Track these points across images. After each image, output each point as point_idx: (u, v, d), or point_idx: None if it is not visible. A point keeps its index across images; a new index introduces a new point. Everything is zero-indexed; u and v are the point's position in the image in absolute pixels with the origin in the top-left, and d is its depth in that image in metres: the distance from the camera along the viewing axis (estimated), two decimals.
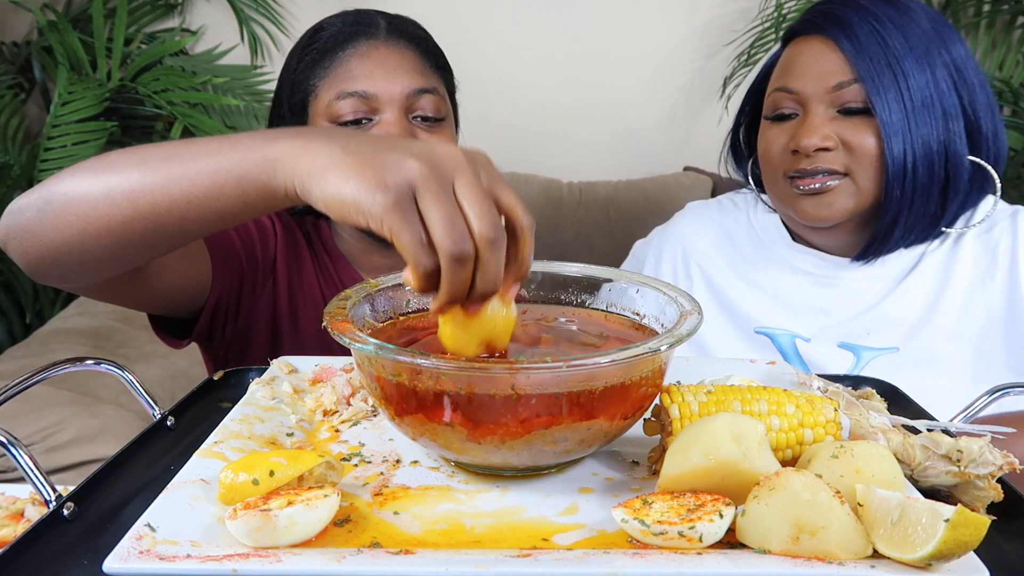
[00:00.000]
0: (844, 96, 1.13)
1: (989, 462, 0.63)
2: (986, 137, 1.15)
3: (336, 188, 0.62)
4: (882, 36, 1.12)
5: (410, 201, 0.60)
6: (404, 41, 1.19)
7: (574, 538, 0.59)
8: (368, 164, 0.62)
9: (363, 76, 1.15)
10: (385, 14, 1.24)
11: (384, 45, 1.18)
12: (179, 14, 2.72)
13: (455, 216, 0.59)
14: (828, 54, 1.15)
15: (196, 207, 0.73)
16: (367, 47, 1.17)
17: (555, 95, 2.73)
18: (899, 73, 1.11)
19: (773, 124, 1.21)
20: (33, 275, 0.88)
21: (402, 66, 1.17)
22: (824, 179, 1.15)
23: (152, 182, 0.74)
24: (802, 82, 1.16)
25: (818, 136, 1.13)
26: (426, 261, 0.60)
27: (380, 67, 1.16)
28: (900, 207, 1.14)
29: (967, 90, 1.14)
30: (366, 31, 1.19)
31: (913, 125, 1.11)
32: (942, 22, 1.17)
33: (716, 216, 1.39)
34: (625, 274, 0.83)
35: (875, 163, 1.13)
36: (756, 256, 1.31)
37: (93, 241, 0.79)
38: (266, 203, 0.71)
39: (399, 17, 1.24)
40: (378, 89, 1.14)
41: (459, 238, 0.59)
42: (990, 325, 1.18)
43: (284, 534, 0.55)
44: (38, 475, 0.64)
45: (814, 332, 1.22)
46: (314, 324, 1.23)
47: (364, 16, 1.22)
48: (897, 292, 1.21)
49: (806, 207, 1.18)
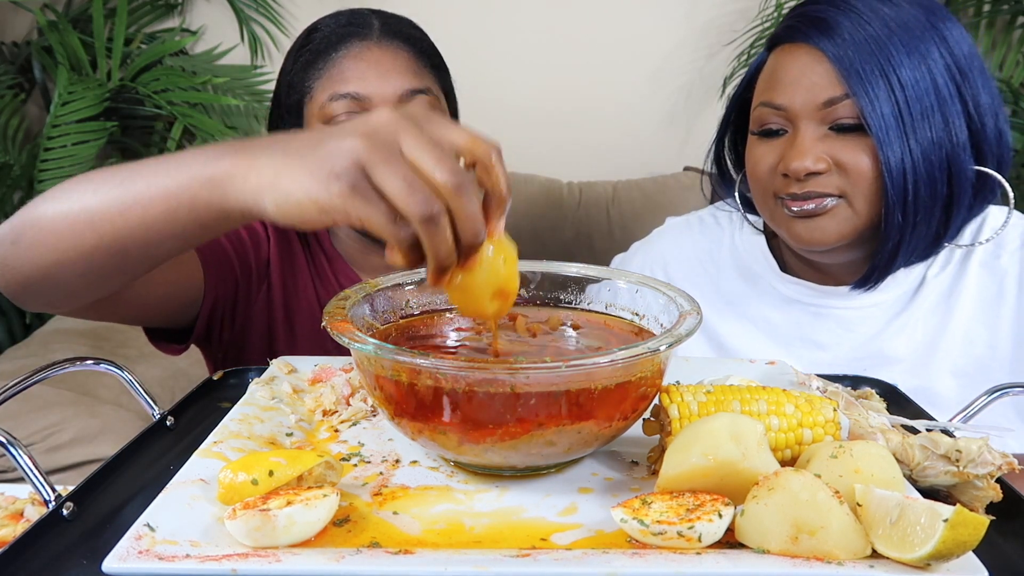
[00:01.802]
0: (835, 113, 1.03)
1: (988, 462, 0.63)
2: (991, 142, 1.06)
3: (288, 196, 0.61)
4: (875, 41, 1.02)
5: (364, 182, 0.59)
6: (398, 41, 1.18)
7: (573, 538, 0.59)
8: (311, 160, 0.61)
9: (355, 77, 1.14)
10: (380, 13, 1.23)
11: (377, 46, 1.17)
12: (179, 14, 2.72)
13: (411, 179, 0.58)
14: (815, 66, 1.04)
15: (155, 232, 0.73)
16: (360, 48, 1.16)
17: (555, 95, 2.73)
18: (895, 83, 1.01)
19: (761, 140, 1.11)
20: (19, 303, 0.89)
21: (395, 67, 1.16)
22: (818, 201, 1.05)
23: (110, 208, 0.74)
24: (789, 97, 1.05)
25: (809, 159, 1.03)
26: (401, 234, 0.59)
27: (372, 68, 1.15)
28: (903, 231, 1.04)
29: (971, 93, 1.03)
30: (359, 32, 1.18)
31: (912, 140, 1.01)
32: (942, 15, 1.06)
33: (698, 238, 1.29)
34: (624, 274, 0.83)
35: (872, 184, 1.03)
36: (743, 285, 1.22)
37: (68, 268, 0.79)
38: (222, 224, 0.71)
39: (393, 17, 1.24)
40: (371, 90, 1.13)
41: (423, 199, 0.58)
42: (994, 364, 1.10)
43: (283, 534, 0.55)
44: (38, 475, 0.64)
45: (808, 367, 1.09)
46: (309, 326, 1.23)
47: (358, 16, 1.21)
48: (895, 326, 1.13)
49: (799, 230, 1.07)
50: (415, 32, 1.23)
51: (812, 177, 1.04)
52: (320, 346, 1.18)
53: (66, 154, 2.41)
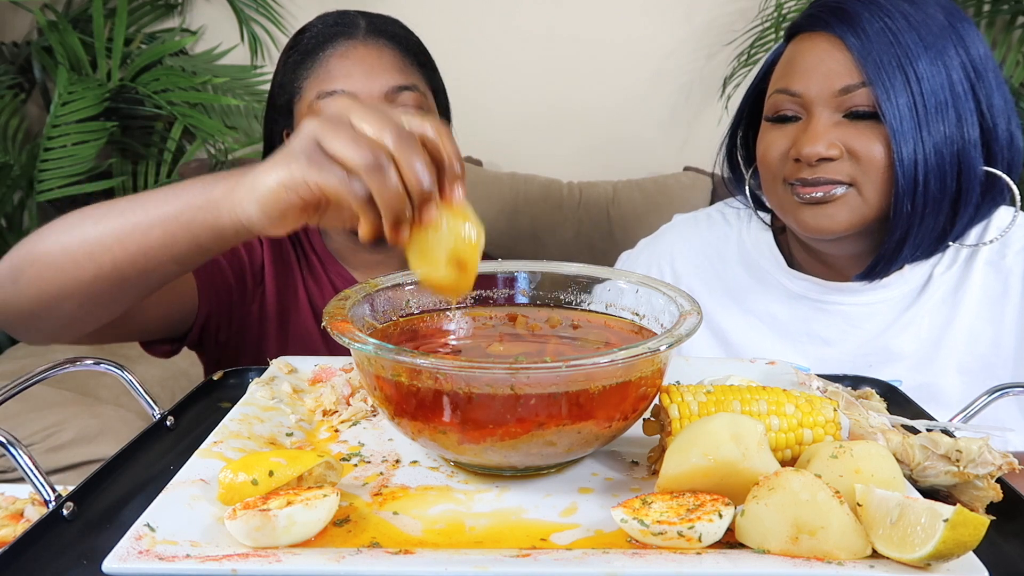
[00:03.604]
0: (851, 100, 1.03)
1: (988, 462, 0.63)
2: (1001, 144, 1.06)
3: (264, 191, 0.67)
4: (894, 34, 1.02)
5: (318, 152, 0.64)
6: (383, 39, 1.20)
7: (573, 538, 0.59)
8: (279, 156, 0.67)
9: (342, 75, 1.16)
10: (367, 14, 1.25)
11: (363, 44, 1.18)
12: (179, 14, 2.72)
13: (356, 137, 0.63)
14: (834, 54, 1.04)
15: (153, 257, 0.77)
16: (346, 47, 1.18)
17: (555, 95, 2.73)
18: (912, 76, 1.01)
19: (773, 126, 1.11)
20: (20, 338, 0.93)
21: (380, 64, 1.17)
22: (828, 188, 1.05)
23: (109, 238, 0.78)
24: (806, 84, 1.06)
25: (822, 144, 1.03)
26: (356, 188, 0.63)
27: (358, 65, 1.16)
28: (910, 223, 1.04)
29: (985, 93, 1.04)
30: (346, 31, 1.20)
31: (925, 133, 1.01)
32: (960, 17, 1.06)
33: (706, 234, 1.29)
34: (624, 274, 0.83)
35: (883, 173, 1.03)
36: (749, 280, 1.23)
37: (69, 300, 0.82)
38: (218, 243, 0.75)
39: (380, 17, 1.25)
40: (357, 87, 1.15)
41: (367, 151, 0.62)
42: (998, 362, 1.11)
43: (283, 534, 0.55)
44: (38, 475, 0.64)
45: (814, 363, 1.10)
46: (302, 327, 1.24)
47: (345, 16, 1.23)
48: (901, 322, 1.13)
49: (806, 218, 1.08)
50: (401, 31, 1.25)
51: (824, 163, 1.04)
52: (313, 348, 1.19)
53: (66, 154, 2.42)
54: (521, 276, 0.84)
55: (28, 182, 2.51)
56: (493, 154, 2.66)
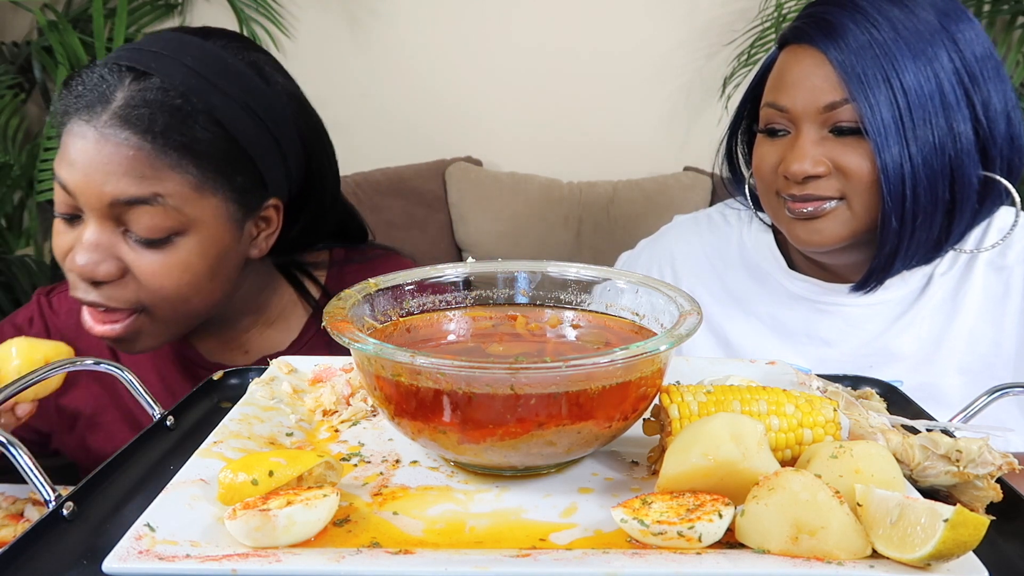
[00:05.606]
0: (836, 116, 1.03)
1: (988, 462, 0.63)
2: (999, 147, 1.04)
3: None
4: (880, 45, 1.01)
5: None
6: (128, 132, 0.95)
7: (573, 538, 0.59)
8: None
9: (67, 164, 0.97)
10: (137, 80, 0.97)
11: (98, 134, 0.96)
12: (179, 14, 2.72)
13: None
14: (817, 70, 1.04)
15: None
16: (81, 128, 0.97)
17: (555, 95, 2.73)
18: (897, 88, 1.00)
19: (766, 139, 1.12)
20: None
21: (109, 167, 0.95)
22: (817, 203, 1.05)
23: None
24: (792, 99, 1.06)
25: (808, 162, 1.03)
26: None
27: (83, 157, 0.96)
28: (900, 237, 1.03)
29: (981, 97, 1.02)
30: (89, 108, 0.97)
31: (913, 146, 1.00)
32: (956, 16, 1.04)
33: (706, 235, 1.29)
34: (624, 274, 0.83)
35: (871, 188, 1.03)
36: (750, 281, 1.23)
37: None
38: None
39: (145, 94, 0.97)
40: (79, 189, 0.96)
41: None
42: (999, 362, 1.11)
43: (283, 534, 0.55)
44: (38, 475, 0.64)
45: (815, 363, 1.09)
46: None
47: (102, 83, 0.98)
48: (901, 323, 1.13)
49: (798, 232, 1.09)
50: (178, 116, 0.97)
51: (811, 180, 1.05)
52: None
53: None
54: (521, 276, 0.84)
55: (28, 182, 2.51)
56: (493, 154, 2.66)
